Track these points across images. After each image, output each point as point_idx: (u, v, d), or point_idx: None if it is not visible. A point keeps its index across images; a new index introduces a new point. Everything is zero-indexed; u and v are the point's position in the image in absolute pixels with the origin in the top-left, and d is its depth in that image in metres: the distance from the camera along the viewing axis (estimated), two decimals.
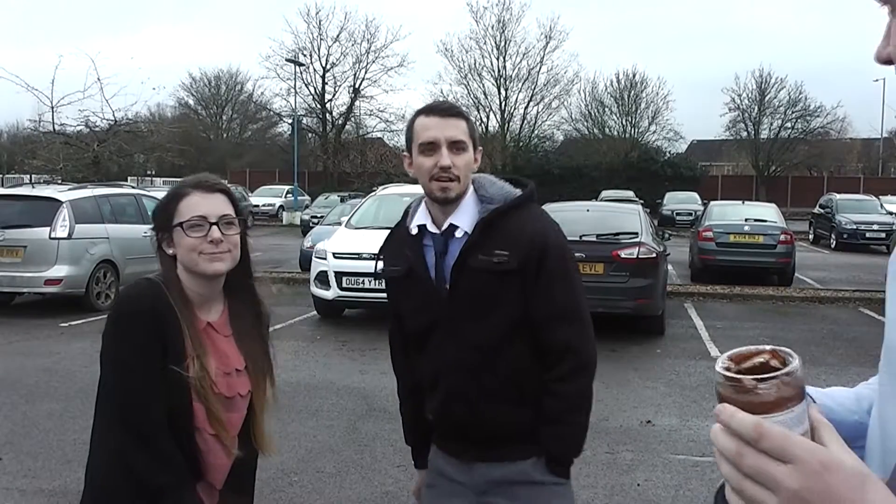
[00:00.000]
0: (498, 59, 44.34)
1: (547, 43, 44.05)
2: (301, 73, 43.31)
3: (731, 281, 14.02)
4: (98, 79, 23.54)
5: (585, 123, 46.21)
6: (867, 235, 22.08)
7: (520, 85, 44.64)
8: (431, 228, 2.21)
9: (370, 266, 9.91)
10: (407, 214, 2.35)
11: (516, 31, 44.19)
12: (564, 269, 2.19)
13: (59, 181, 17.53)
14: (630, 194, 29.68)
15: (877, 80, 44.96)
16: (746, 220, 15.01)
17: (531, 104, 44.55)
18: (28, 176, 29.83)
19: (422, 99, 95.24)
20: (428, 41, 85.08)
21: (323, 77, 46.00)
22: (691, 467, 5.31)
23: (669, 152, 44.56)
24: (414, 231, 2.24)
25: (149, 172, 41.31)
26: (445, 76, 60.99)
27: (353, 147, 43.70)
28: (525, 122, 44.79)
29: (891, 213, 23.63)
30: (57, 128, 24.44)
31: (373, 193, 13.27)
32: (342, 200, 22.72)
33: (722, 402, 0.76)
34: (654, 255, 9.48)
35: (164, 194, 2.03)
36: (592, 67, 61.31)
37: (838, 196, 25.07)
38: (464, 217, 2.18)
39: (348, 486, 4.97)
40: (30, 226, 10.63)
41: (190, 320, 1.89)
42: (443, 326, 2.19)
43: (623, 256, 9.20)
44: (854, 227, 22.20)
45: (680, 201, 32.27)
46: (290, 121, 42.89)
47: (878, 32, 0.84)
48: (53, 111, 23.92)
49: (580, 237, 9.18)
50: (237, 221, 1.97)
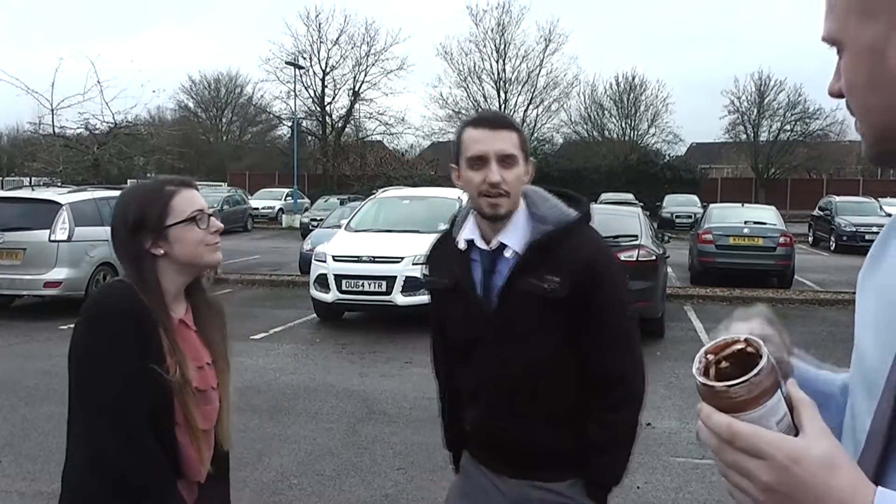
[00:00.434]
0: (497, 62, 44.50)
1: (546, 46, 44.23)
2: (301, 76, 43.36)
3: (731, 283, 14.03)
4: (98, 81, 23.49)
5: (585, 126, 46.30)
6: (866, 238, 22.02)
7: (519, 88, 44.78)
8: (480, 244, 2.15)
9: (370, 269, 10.05)
10: (454, 224, 2.28)
11: (516, 34, 44.37)
12: (617, 298, 2.14)
13: (59, 184, 17.54)
14: (629, 197, 29.68)
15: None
16: (746, 223, 15.01)
17: (531, 107, 44.70)
18: (28, 178, 29.83)
19: (421, 102, 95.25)
20: (427, 44, 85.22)
21: (323, 80, 46.08)
22: (691, 469, 5.31)
23: (669, 155, 44.61)
24: (462, 246, 2.18)
25: (149, 175, 41.38)
26: (445, 79, 61.25)
27: (353, 150, 43.70)
28: (525, 125, 44.80)
29: (890, 216, 23.59)
30: (57, 130, 24.41)
31: (372, 196, 13.28)
32: (342, 203, 22.69)
33: (702, 402, 0.83)
34: (654, 258, 9.48)
35: (134, 198, 1.97)
36: (592, 70, 61.66)
37: (838, 198, 25.08)
38: (514, 236, 2.11)
39: (348, 489, 4.97)
40: (29, 228, 10.63)
41: (165, 320, 1.90)
42: (486, 344, 2.15)
43: (623, 259, 9.19)
44: (853, 230, 22.19)
45: (679, 204, 32.28)
46: (290, 124, 42.94)
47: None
48: (53, 114, 23.89)
49: None
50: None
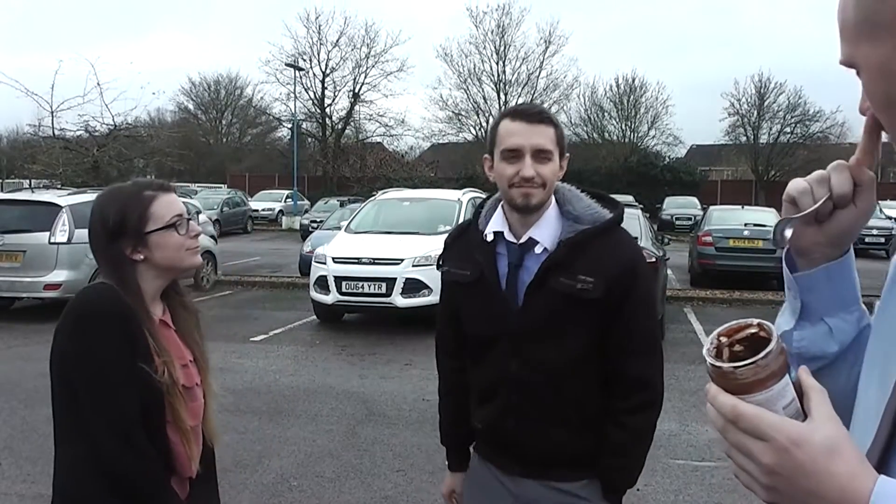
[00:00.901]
0: (497, 64, 44.49)
1: (546, 47, 44.22)
2: (301, 78, 43.35)
3: (731, 285, 14.04)
4: (98, 84, 23.50)
5: (585, 128, 46.26)
6: (866, 240, 22.06)
7: (519, 90, 44.75)
8: (509, 237, 2.09)
9: (370, 271, 10.04)
10: (479, 215, 2.21)
11: (516, 36, 44.37)
12: (649, 302, 2.14)
13: (59, 186, 17.53)
14: (629, 199, 29.62)
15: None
16: (746, 225, 15.00)
17: None
18: (28, 180, 29.81)
19: (421, 103, 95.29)
20: (427, 46, 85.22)
21: (322, 81, 46.06)
22: (691, 472, 5.31)
23: (669, 157, 44.58)
24: (490, 237, 2.11)
25: (149, 177, 41.26)
26: (445, 81, 61.23)
27: (353, 152, 43.69)
28: None
29: (890, 218, 23.63)
30: (57, 132, 24.41)
31: (372, 198, 13.28)
32: (342, 205, 22.70)
33: (711, 382, 0.86)
34: (654, 260, 9.47)
35: (112, 204, 1.96)
36: (592, 72, 61.63)
37: None
38: (545, 232, 2.06)
39: (347, 491, 4.97)
40: (29, 230, 10.62)
41: (148, 321, 1.92)
42: (508, 341, 2.08)
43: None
44: None
45: (679, 206, 32.28)
46: (290, 125, 42.95)
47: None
48: (53, 116, 23.88)
49: None
50: None
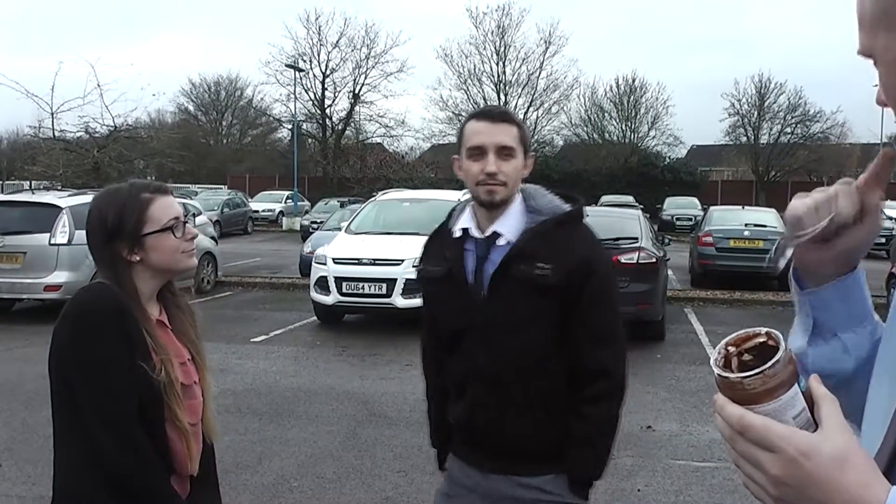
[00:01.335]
0: (497, 65, 44.53)
1: (546, 48, 44.25)
2: (301, 79, 43.38)
3: (731, 286, 14.03)
4: (98, 85, 23.47)
5: (585, 128, 46.29)
6: None
7: (519, 90, 44.80)
8: (475, 233, 2.20)
9: (370, 271, 10.05)
10: (451, 217, 2.32)
11: (516, 37, 44.41)
12: (608, 292, 2.19)
13: (59, 187, 17.52)
14: (630, 199, 29.69)
15: (876, 86, 44.95)
16: (746, 225, 15.01)
17: (531, 109, 44.67)
18: (28, 182, 29.81)
19: (421, 104, 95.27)
20: (427, 46, 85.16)
21: (323, 82, 46.09)
22: (692, 472, 5.30)
23: (669, 157, 44.62)
24: (457, 234, 2.22)
25: (149, 178, 41.27)
26: (445, 81, 61.06)
27: (353, 152, 43.70)
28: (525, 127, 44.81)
29: (890, 219, 23.62)
30: (57, 134, 24.42)
31: (372, 199, 13.29)
32: (342, 206, 22.69)
33: (718, 393, 0.84)
34: (654, 260, 9.48)
35: (110, 205, 1.98)
36: (592, 72, 61.62)
37: None
38: (508, 225, 2.16)
39: (348, 492, 4.97)
40: (30, 232, 10.62)
41: (145, 320, 1.93)
42: (476, 332, 2.16)
43: (623, 261, 9.20)
44: None
45: (680, 206, 32.30)
46: (290, 126, 42.97)
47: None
48: (53, 117, 23.90)
49: None
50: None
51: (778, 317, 11.95)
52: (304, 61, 44.69)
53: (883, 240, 21.69)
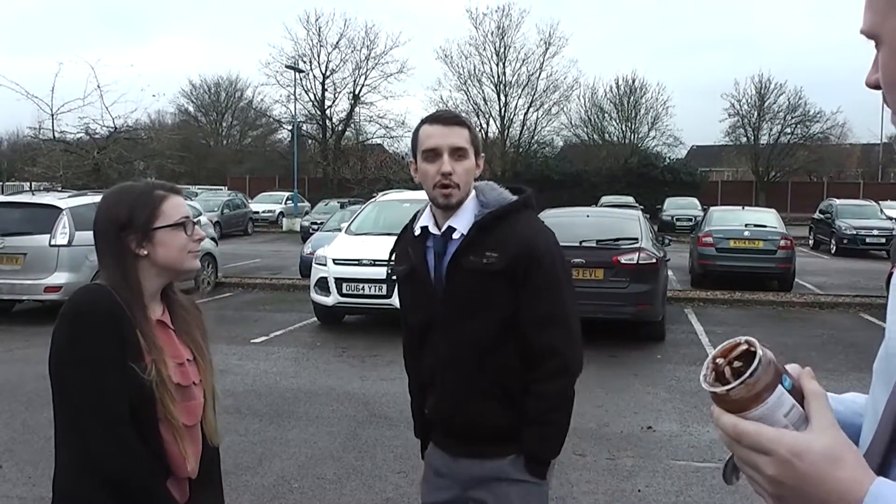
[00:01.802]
0: (497, 65, 44.46)
1: (546, 49, 44.19)
2: (301, 80, 43.38)
3: (732, 286, 14.03)
4: (98, 86, 23.49)
5: (585, 129, 46.28)
6: (867, 241, 22.06)
7: (519, 91, 44.75)
8: (433, 230, 2.32)
9: (370, 272, 10.06)
10: (415, 219, 2.45)
11: (516, 38, 44.36)
12: (553, 275, 2.27)
13: (60, 188, 17.52)
14: (630, 200, 29.70)
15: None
16: (746, 226, 15.00)
17: (531, 110, 44.67)
18: (28, 183, 29.81)
19: (422, 105, 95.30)
20: (427, 47, 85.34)
21: (323, 83, 46.09)
22: (692, 473, 5.30)
23: (669, 158, 44.60)
24: (417, 232, 2.35)
25: (149, 179, 41.15)
26: (445, 82, 61.32)
27: (353, 153, 43.73)
28: (525, 128, 44.84)
29: (891, 219, 23.63)
30: (57, 135, 24.42)
31: (373, 200, 13.29)
32: (342, 207, 22.69)
33: (713, 405, 0.89)
34: (655, 261, 9.48)
35: (123, 198, 2.01)
36: (592, 73, 61.53)
37: (838, 201, 25.06)
38: (462, 220, 2.28)
39: (349, 493, 4.97)
40: (30, 233, 10.62)
41: (143, 319, 1.94)
42: (438, 324, 2.30)
43: (623, 262, 9.20)
44: (854, 233, 22.19)
45: (680, 207, 32.29)
46: (290, 127, 42.95)
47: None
48: (53, 119, 23.90)
49: (580, 243, 9.18)
50: None
51: (778, 317, 11.95)
52: (304, 62, 44.73)
53: (883, 240, 21.75)
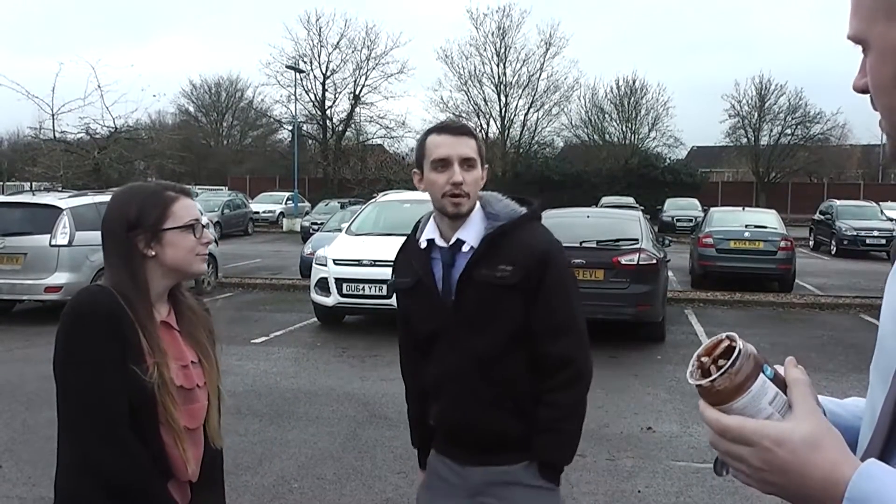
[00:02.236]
0: (498, 66, 44.44)
1: (547, 49, 44.17)
2: (301, 80, 43.36)
3: (732, 287, 14.04)
4: (98, 86, 23.52)
5: (585, 130, 46.26)
6: (867, 242, 22.06)
7: (520, 91, 44.73)
8: (440, 242, 2.32)
9: (370, 272, 10.06)
10: (417, 228, 2.44)
11: (516, 38, 44.34)
12: (564, 284, 2.31)
13: (60, 188, 17.53)
14: (630, 200, 29.68)
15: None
16: (747, 227, 15.00)
17: (531, 110, 44.65)
18: (28, 183, 29.83)
19: (422, 105, 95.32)
20: (428, 48, 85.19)
21: (323, 84, 46.07)
22: (692, 474, 5.30)
23: (669, 158, 44.58)
24: (423, 245, 2.35)
25: (149, 179, 41.23)
26: (445, 83, 61.23)
27: (354, 153, 43.71)
28: (525, 129, 44.83)
29: (891, 220, 23.63)
30: (57, 135, 24.44)
31: (373, 200, 13.29)
32: (342, 207, 22.69)
33: (700, 400, 0.94)
34: (655, 262, 9.48)
35: (134, 198, 2.00)
36: (592, 74, 61.56)
37: (838, 202, 25.05)
38: (470, 232, 2.28)
39: (349, 493, 4.97)
40: (30, 233, 10.62)
41: (148, 320, 1.93)
42: (446, 336, 2.30)
43: (623, 263, 9.20)
44: (854, 234, 22.19)
45: (680, 207, 32.28)
46: (291, 127, 42.95)
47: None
48: (54, 119, 23.92)
49: (580, 243, 9.18)
50: None
51: (778, 318, 11.95)
52: (305, 62, 44.71)
53: (883, 241, 21.75)
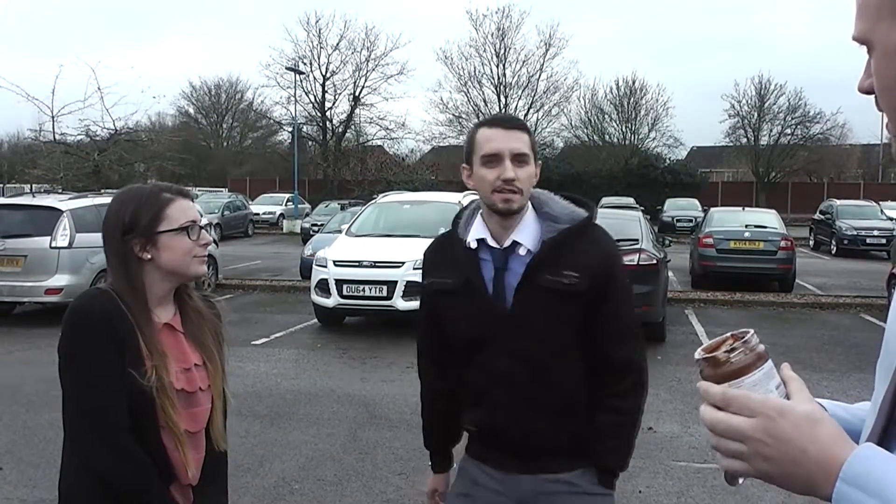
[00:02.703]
0: (498, 67, 44.52)
1: (546, 50, 44.24)
2: (301, 82, 43.37)
3: (732, 287, 14.03)
4: (98, 88, 23.55)
5: (585, 130, 46.27)
6: (867, 241, 22.05)
7: (519, 92, 44.80)
8: (491, 243, 2.18)
9: (371, 274, 10.05)
10: (457, 224, 2.30)
11: (516, 39, 44.42)
12: (627, 290, 2.28)
13: (60, 190, 17.54)
14: (630, 201, 29.65)
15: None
16: (747, 227, 15.00)
17: (531, 111, 44.65)
18: (29, 185, 29.84)
19: (422, 107, 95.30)
20: (428, 49, 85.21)
21: (323, 85, 46.08)
22: (693, 474, 5.30)
23: (669, 159, 44.55)
24: (473, 245, 2.20)
25: (149, 181, 41.22)
26: (445, 84, 61.16)
27: (354, 155, 43.71)
28: None
29: (891, 219, 23.62)
30: (57, 137, 24.46)
31: (373, 201, 13.29)
32: (342, 208, 22.72)
33: (701, 380, 0.96)
34: (655, 262, 9.47)
35: (129, 200, 1.99)
36: (592, 74, 61.45)
37: (838, 202, 25.05)
38: (526, 234, 2.16)
39: (349, 494, 4.97)
40: (30, 235, 10.62)
41: (146, 323, 1.92)
42: (497, 342, 2.16)
43: (624, 263, 9.18)
44: (854, 233, 22.18)
45: (680, 208, 32.26)
46: (291, 129, 42.94)
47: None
48: (54, 120, 23.95)
49: None
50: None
51: (779, 318, 11.94)
52: (305, 64, 44.71)
53: (883, 240, 21.74)
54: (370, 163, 40.56)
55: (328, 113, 46.64)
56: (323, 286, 10.23)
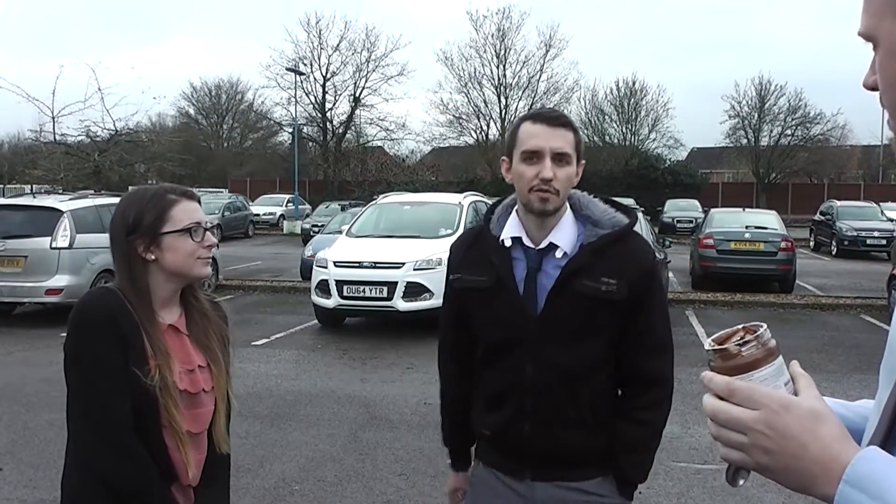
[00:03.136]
0: (498, 68, 44.48)
1: (547, 51, 44.22)
2: (301, 82, 43.39)
3: (732, 288, 14.04)
4: (99, 89, 23.57)
5: (585, 131, 46.13)
6: (868, 242, 22.06)
7: (520, 93, 44.77)
8: (527, 242, 2.10)
9: (371, 275, 10.04)
10: (489, 220, 2.21)
11: (516, 40, 44.37)
12: (663, 301, 2.21)
13: (60, 191, 17.55)
14: (630, 202, 29.57)
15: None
16: (747, 228, 15.00)
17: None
18: (29, 186, 29.85)
19: (422, 107, 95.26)
20: (428, 50, 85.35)
21: (323, 86, 46.08)
22: (693, 475, 5.30)
23: (670, 160, 44.53)
24: (508, 243, 2.11)
25: (150, 182, 41.31)
26: (446, 85, 61.21)
27: (354, 156, 43.69)
28: None
29: (891, 220, 23.62)
30: (58, 138, 24.48)
31: (373, 202, 13.29)
32: (343, 209, 22.72)
33: (707, 371, 0.95)
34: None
35: (135, 202, 2.00)
36: (592, 75, 61.62)
37: (839, 203, 25.05)
38: (564, 236, 2.08)
39: (349, 495, 4.97)
40: (31, 236, 10.62)
41: (150, 323, 1.93)
42: (525, 345, 2.09)
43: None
44: (855, 234, 22.18)
45: (680, 209, 32.25)
46: (291, 130, 42.96)
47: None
48: (54, 121, 23.97)
49: None
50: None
51: (779, 318, 11.93)
52: (305, 65, 44.72)
53: (884, 241, 21.74)
54: (370, 164, 40.56)
55: (328, 114, 46.68)
56: (323, 287, 10.23)
